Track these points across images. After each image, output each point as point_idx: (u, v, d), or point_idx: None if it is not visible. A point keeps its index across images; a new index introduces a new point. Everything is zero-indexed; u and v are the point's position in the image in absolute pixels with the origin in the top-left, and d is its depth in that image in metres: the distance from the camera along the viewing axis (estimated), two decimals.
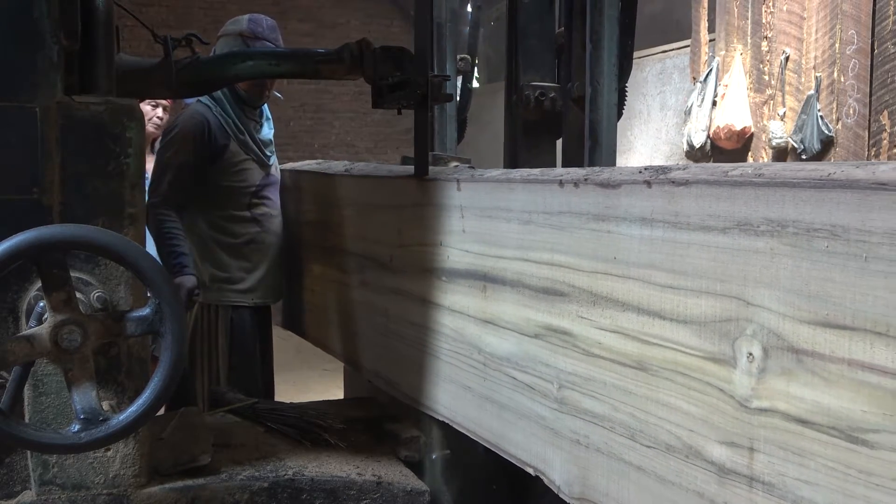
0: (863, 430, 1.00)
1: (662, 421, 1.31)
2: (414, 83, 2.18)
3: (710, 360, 1.22)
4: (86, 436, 1.51)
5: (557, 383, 1.56)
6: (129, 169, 1.74)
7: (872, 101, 5.17)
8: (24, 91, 1.67)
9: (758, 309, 1.14)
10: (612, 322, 1.41)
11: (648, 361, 1.33)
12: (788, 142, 5.63)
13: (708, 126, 6.08)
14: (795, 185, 1.07)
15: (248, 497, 1.90)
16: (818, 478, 1.06)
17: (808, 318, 1.07)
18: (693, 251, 1.24)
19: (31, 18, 1.66)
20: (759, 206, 1.13)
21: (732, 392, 1.18)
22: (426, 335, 2.06)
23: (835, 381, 1.04)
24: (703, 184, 1.23)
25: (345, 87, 9.75)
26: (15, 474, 1.81)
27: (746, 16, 5.94)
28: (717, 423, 1.21)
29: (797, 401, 1.09)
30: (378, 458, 2.12)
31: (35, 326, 1.55)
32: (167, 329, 1.53)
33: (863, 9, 5.17)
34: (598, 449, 1.46)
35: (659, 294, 1.31)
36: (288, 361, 5.02)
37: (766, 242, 1.12)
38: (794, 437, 1.09)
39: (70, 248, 1.51)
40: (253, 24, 3.03)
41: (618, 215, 1.39)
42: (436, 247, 1.99)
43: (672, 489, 1.29)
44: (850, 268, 1.01)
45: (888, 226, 0.96)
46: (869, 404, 0.99)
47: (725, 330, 1.19)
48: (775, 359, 1.11)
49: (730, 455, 1.19)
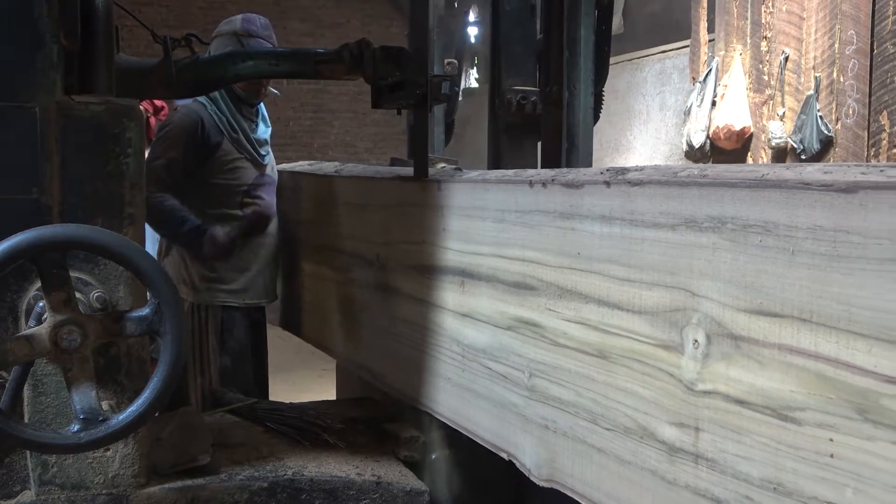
0: (791, 409, 1.09)
1: (620, 405, 1.40)
2: (413, 83, 2.18)
3: (662, 347, 1.30)
4: (85, 436, 1.51)
5: (528, 372, 1.64)
6: (129, 169, 1.74)
7: (872, 101, 5.17)
8: (24, 91, 1.67)
9: (702, 299, 1.23)
10: (576, 314, 1.50)
11: (608, 350, 1.42)
12: (788, 142, 5.63)
13: (707, 126, 6.09)
14: (734, 185, 1.17)
15: (248, 497, 1.90)
16: (753, 453, 1.14)
17: (745, 306, 1.15)
18: (646, 246, 1.33)
19: (31, 18, 1.66)
20: (702, 205, 1.22)
21: (680, 376, 1.27)
22: (410, 330, 2.14)
23: (767, 364, 1.12)
24: (655, 184, 1.32)
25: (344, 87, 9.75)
26: (14, 474, 1.80)
27: (746, 16, 5.95)
28: (668, 406, 1.29)
29: (736, 383, 1.17)
30: (377, 458, 2.12)
31: (34, 326, 1.55)
32: (166, 329, 1.53)
33: (862, 9, 5.18)
34: (565, 433, 1.54)
35: (617, 287, 1.40)
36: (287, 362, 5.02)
37: (709, 238, 1.21)
38: (733, 417, 1.18)
39: (69, 247, 1.51)
40: (246, 24, 3.04)
41: (581, 213, 1.48)
42: (419, 244, 2.07)
43: (629, 468, 1.38)
44: (779, 260, 1.10)
45: (811, 222, 1.05)
46: (796, 385, 1.08)
47: (674, 319, 1.28)
48: (717, 345, 1.20)
49: (678, 435, 1.27)
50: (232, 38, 3.00)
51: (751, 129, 5.91)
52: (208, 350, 3.03)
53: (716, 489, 1.21)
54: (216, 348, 3.03)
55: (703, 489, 1.23)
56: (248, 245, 3.05)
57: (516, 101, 2.31)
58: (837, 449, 1.03)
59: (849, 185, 1.01)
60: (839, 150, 5.32)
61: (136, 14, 2.51)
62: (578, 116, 2.04)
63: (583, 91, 2.03)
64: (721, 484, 1.20)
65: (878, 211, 0.98)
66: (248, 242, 3.05)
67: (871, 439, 0.99)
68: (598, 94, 2.20)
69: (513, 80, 2.32)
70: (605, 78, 2.26)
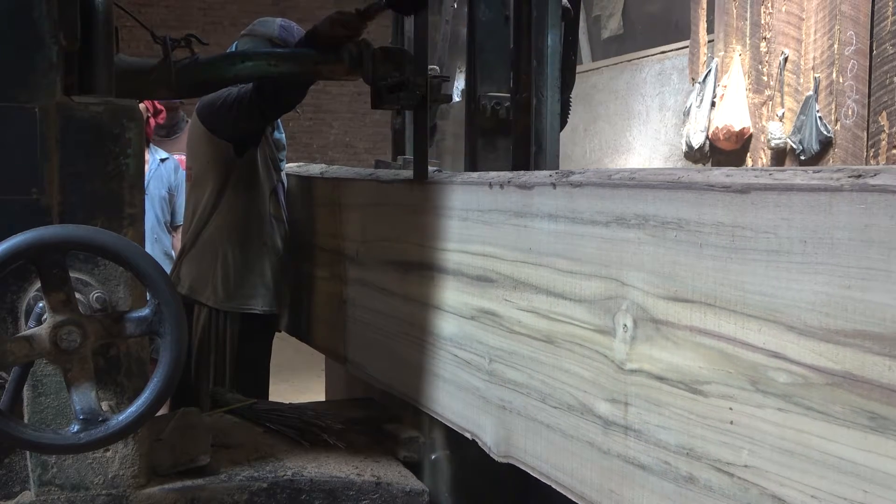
0: (700, 383, 1.23)
1: (565, 385, 1.54)
2: (413, 84, 2.18)
3: (598, 331, 1.45)
4: (85, 436, 1.51)
5: (488, 358, 1.78)
6: (129, 169, 1.74)
7: (871, 101, 5.17)
8: (24, 91, 1.66)
9: (630, 288, 1.37)
10: (528, 304, 1.64)
11: (555, 335, 1.56)
12: (787, 143, 5.63)
13: (707, 127, 6.09)
14: (655, 186, 1.31)
15: (247, 497, 1.89)
16: (671, 423, 1.29)
17: (663, 294, 1.30)
18: (585, 241, 1.48)
19: (31, 19, 1.65)
20: (630, 204, 1.37)
21: (613, 357, 1.41)
22: (386, 322, 2.29)
23: (681, 344, 1.27)
24: (592, 185, 1.47)
25: (344, 88, 9.77)
26: (14, 475, 1.80)
27: (745, 17, 5.95)
28: (603, 384, 1.44)
29: (657, 362, 1.31)
30: (377, 458, 2.12)
31: (34, 327, 1.54)
32: (166, 330, 1.53)
33: (861, 10, 5.18)
34: (519, 412, 1.68)
35: (562, 278, 1.54)
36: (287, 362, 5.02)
37: (635, 233, 1.35)
38: (654, 392, 1.32)
39: (69, 248, 1.50)
40: (285, 32, 2.91)
41: (532, 212, 1.63)
42: (394, 242, 2.23)
43: (572, 442, 1.52)
44: (690, 252, 1.25)
45: (714, 219, 1.20)
46: (703, 362, 1.22)
47: (608, 306, 1.42)
48: (642, 328, 1.35)
49: (611, 410, 1.42)
50: (265, 44, 2.88)
51: (750, 129, 5.91)
52: (225, 356, 2.98)
53: (641, 456, 1.35)
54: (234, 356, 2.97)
55: (631, 457, 1.37)
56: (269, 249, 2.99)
57: (491, 107, 2.42)
58: (736, 416, 1.17)
59: (743, 187, 1.15)
60: (838, 151, 5.32)
61: (135, 14, 2.51)
62: (546, 121, 2.15)
63: (550, 98, 2.15)
64: (645, 452, 1.34)
65: (765, 208, 1.12)
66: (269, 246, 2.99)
67: (761, 407, 1.13)
68: (564, 100, 2.33)
69: (487, 86, 2.43)
70: (571, 85, 2.41)
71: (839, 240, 1.01)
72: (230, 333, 2.95)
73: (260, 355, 3.05)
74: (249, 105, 2.68)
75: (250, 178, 2.91)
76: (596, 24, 8.81)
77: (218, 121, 2.83)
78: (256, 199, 2.92)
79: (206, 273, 2.92)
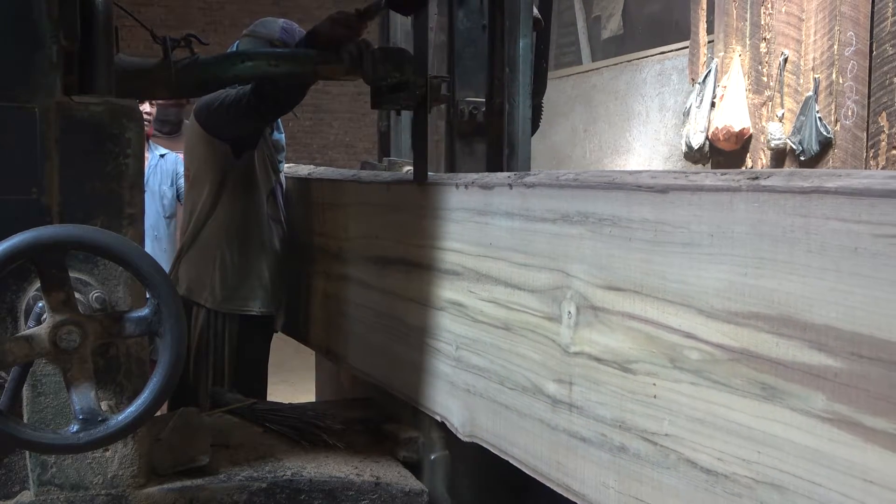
0: (629, 362, 1.38)
1: (520, 368, 1.68)
2: (413, 84, 2.18)
3: (547, 318, 1.59)
4: (84, 436, 1.51)
5: (456, 345, 1.92)
6: (128, 169, 1.74)
7: (871, 102, 5.17)
8: (24, 91, 1.66)
9: (573, 279, 1.52)
10: (489, 294, 1.79)
11: (511, 323, 1.71)
12: (787, 143, 5.62)
13: (706, 127, 6.08)
14: (593, 186, 1.47)
15: (247, 497, 1.90)
16: (607, 399, 1.43)
17: (600, 283, 1.45)
18: (537, 237, 1.62)
19: (31, 19, 1.66)
20: (574, 203, 1.52)
21: (559, 342, 1.55)
22: (365, 314, 2.44)
23: (615, 328, 1.41)
24: (543, 186, 1.62)
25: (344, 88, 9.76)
26: (13, 474, 1.81)
27: (745, 17, 5.95)
28: (551, 366, 1.58)
29: (596, 344, 1.46)
30: (376, 458, 2.13)
31: (34, 327, 1.55)
32: (166, 329, 1.53)
33: (861, 10, 5.18)
34: (481, 395, 1.83)
35: (518, 270, 1.69)
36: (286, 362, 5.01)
37: (578, 229, 1.50)
38: (593, 372, 1.47)
39: (69, 248, 1.51)
40: (286, 34, 2.90)
41: (492, 210, 1.78)
42: (372, 238, 2.40)
43: (525, 419, 1.67)
44: (622, 246, 1.39)
45: (641, 216, 1.35)
46: (632, 343, 1.37)
47: (555, 295, 1.57)
48: (583, 315, 1.49)
49: (558, 389, 1.56)
50: (267, 45, 2.86)
51: (750, 130, 5.90)
52: (223, 357, 2.98)
53: (583, 430, 1.50)
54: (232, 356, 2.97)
55: (574, 431, 1.52)
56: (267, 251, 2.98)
57: (468, 111, 2.54)
58: (658, 391, 1.32)
59: (664, 187, 1.30)
60: (838, 152, 5.32)
61: (135, 14, 2.51)
62: (518, 125, 2.26)
63: (521, 103, 2.25)
64: (586, 426, 1.49)
65: (681, 206, 1.27)
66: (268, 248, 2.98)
67: (678, 382, 1.28)
68: (536, 105, 2.47)
69: (466, 91, 2.54)
70: (543, 91, 2.54)
71: (738, 233, 1.16)
72: (229, 334, 2.95)
73: (258, 356, 3.05)
74: (247, 106, 2.67)
75: (248, 179, 2.91)
76: (596, 25, 8.81)
77: (215, 122, 2.83)
78: (254, 201, 2.93)
79: (203, 274, 2.93)
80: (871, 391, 0.98)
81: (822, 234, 1.04)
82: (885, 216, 0.96)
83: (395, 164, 2.86)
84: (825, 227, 1.04)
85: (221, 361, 2.97)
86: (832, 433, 1.03)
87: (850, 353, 1.00)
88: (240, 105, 2.69)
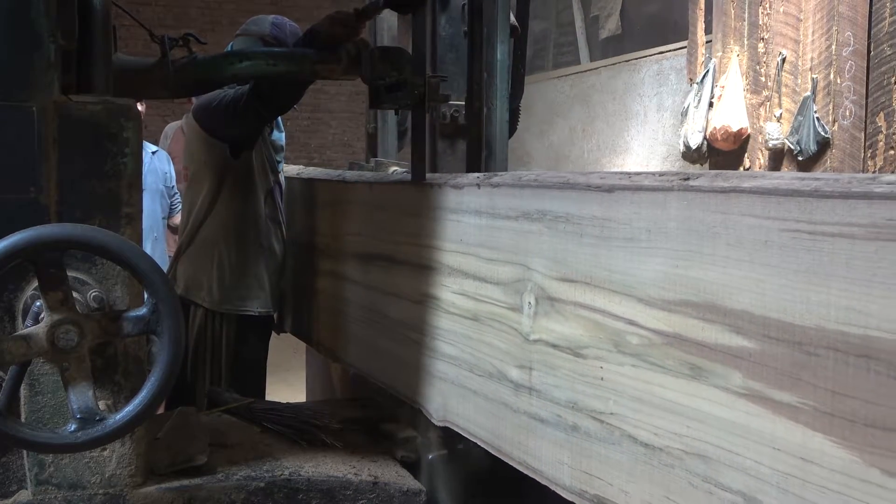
0: (581, 347, 1.50)
1: (487, 356, 1.80)
2: (411, 84, 2.19)
3: (510, 309, 1.71)
4: (82, 435, 1.51)
5: (431, 336, 2.04)
6: (127, 168, 1.74)
7: (869, 102, 5.17)
8: (21, 90, 1.67)
9: (533, 272, 1.63)
10: (460, 287, 1.91)
11: (479, 314, 1.83)
12: (785, 143, 5.62)
13: (704, 127, 6.08)
14: (550, 186, 1.59)
15: (245, 497, 1.90)
16: (561, 382, 1.55)
17: (556, 275, 1.57)
18: (502, 233, 1.74)
19: (29, 18, 1.66)
20: (533, 201, 1.64)
21: (521, 330, 1.67)
22: (351, 308, 2.56)
23: (569, 317, 1.53)
24: (507, 186, 1.74)
25: (342, 88, 9.76)
26: (11, 474, 1.81)
27: (743, 17, 5.95)
28: (514, 353, 1.70)
29: (552, 332, 1.58)
30: (374, 458, 2.13)
31: (32, 326, 1.55)
32: (164, 329, 1.53)
33: (859, 11, 5.18)
34: (453, 382, 1.95)
35: (485, 265, 1.81)
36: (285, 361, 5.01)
37: (537, 226, 1.62)
38: (550, 357, 1.58)
39: (67, 247, 1.51)
40: (276, 30, 2.93)
41: (463, 209, 1.90)
42: (355, 235, 2.53)
43: (492, 403, 1.79)
44: (575, 241, 1.51)
45: (591, 213, 1.47)
46: (583, 330, 1.49)
47: (517, 287, 1.69)
48: (541, 305, 1.61)
49: (520, 374, 1.68)
50: (258, 43, 2.89)
51: (748, 130, 5.90)
52: (221, 357, 2.98)
53: (541, 412, 1.62)
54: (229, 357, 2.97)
55: (534, 413, 1.64)
56: (265, 251, 2.98)
57: (450, 114, 2.65)
58: (605, 374, 1.44)
59: (610, 187, 1.42)
60: (836, 152, 5.32)
61: (133, 13, 2.52)
62: (495, 128, 2.35)
63: (499, 107, 2.34)
64: (544, 408, 1.61)
65: (624, 204, 1.39)
66: (266, 248, 2.99)
67: (621, 365, 1.39)
68: (514, 109, 2.59)
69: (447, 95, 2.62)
70: (520, 95, 2.67)
71: (671, 229, 1.28)
72: (226, 334, 2.96)
73: (256, 356, 3.06)
74: (245, 106, 2.68)
75: (246, 179, 2.93)
76: (594, 25, 8.82)
77: (214, 122, 2.84)
78: (252, 201, 2.94)
79: (201, 274, 2.94)
80: (778, 369, 1.11)
81: (739, 228, 1.16)
82: (790, 213, 1.09)
83: (382, 164, 2.97)
84: (742, 222, 1.16)
85: (219, 361, 2.97)
86: (747, 407, 1.15)
87: (762, 335, 1.13)
88: (238, 105, 2.70)
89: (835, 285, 1.03)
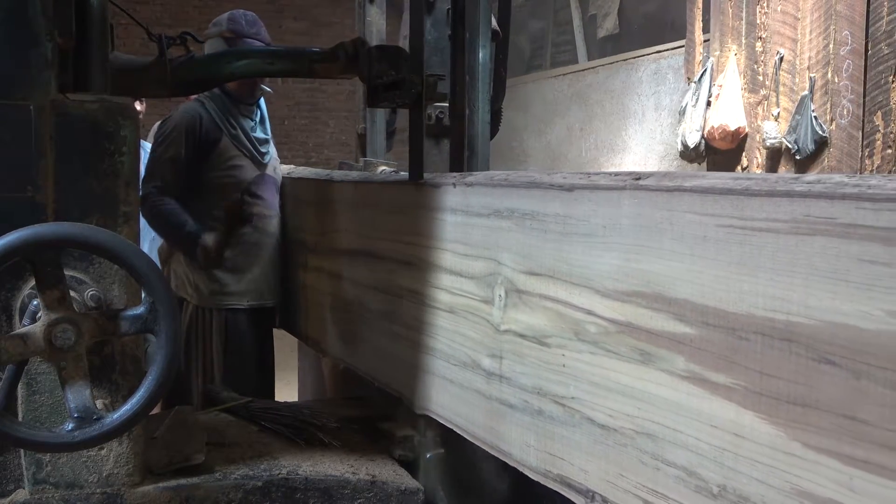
0: (546, 337, 1.58)
1: (462, 346, 1.89)
2: (409, 82, 2.19)
3: (483, 301, 1.80)
4: (79, 434, 1.51)
5: (412, 329, 2.12)
6: (124, 167, 1.75)
7: (866, 101, 5.19)
8: (19, 89, 1.68)
9: (503, 266, 1.72)
10: (438, 281, 1.99)
11: (455, 307, 1.92)
12: (782, 142, 5.64)
13: (702, 126, 6.09)
14: (518, 186, 1.69)
15: (242, 496, 1.90)
16: (528, 370, 1.64)
17: (523, 269, 1.65)
18: (475, 230, 1.84)
19: (26, 16, 1.66)
20: (504, 200, 1.73)
21: (492, 321, 1.76)
22: (336, 302, 2.67)
23: (535, 308, 1.62)
24: (480, 185, 1.84)
25: (339, 86, 9.76)
26: (8, 473, 1.81)
27: (741, 16, 5.96)
28: (487, 343, 1.78)
29: (520, 323, 1.67)
30: (372, 457, 2.14)
31: (29, 325, 1.55)
32: (161, 328, 1.53)
33: (857, 10, 5.19)
34: (432, 372, 2.04)
35: (460, 260, 1.90)
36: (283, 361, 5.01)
37: (506, 223, 1.71)
38: (519, 346, 1.67)
39: (64, 246, 1.51)
40: (232, 24, 3.06)
41: (441, 207, 1.98)
42: (340, 232, 2.64)
43: (466, 391, 1.88)
44: (539, 237, 1.60)
45: (553, 210, 1.56)
46: (547, 321, 1.58)
47: (489, 281, 1.78)
48: (511, 297, 1.70)
49: (492, 363, 1.77)
50: (219, 41, 3.03)
51: (745, 129, 5.91)
52: (212, 352, 3.00)
53: (510, 398, 1.71)
54: (220, 351, 3.00)
55: (504, 399, 1.73)
56: (248, 246, 3.02)
57: (436, 116, 2.79)
58: (567, 360, 1.52)
59: (570, 186, 1.51)
60: (834, 151, 5.33)
61: (131, 12, 2.52)
62: (477, 129, 2.42)
63: (481, 109, 2.42)
64: (513, 394, 1.69)
65: (583, 202, 1.48)
66: (250, 243, 3.02)
67: (580, 352, 1.48)
68: (496, 111, 2.69)
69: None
70: (501, 98, 2.77)
71: (624, 225, 1.38)
72: (216, 328, 2.99)
73: (249, 349, 3.07)
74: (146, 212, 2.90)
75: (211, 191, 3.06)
76: (592, 24, 8.84)
77: None
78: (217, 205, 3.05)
79: (187, 271, 2.97)
80: (714, 352, 1.21)
81: (682, 224, 1.26)
82: (724, 210, 1.18)
83: (371, 164, 3.07)
84: (684, 219, 1.26)
85: (210, 356, 3.00)
86: (689, 389, 1.25)
87: (701, 322, 1.23)
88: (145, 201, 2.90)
89: (762, 276, 1.12)
